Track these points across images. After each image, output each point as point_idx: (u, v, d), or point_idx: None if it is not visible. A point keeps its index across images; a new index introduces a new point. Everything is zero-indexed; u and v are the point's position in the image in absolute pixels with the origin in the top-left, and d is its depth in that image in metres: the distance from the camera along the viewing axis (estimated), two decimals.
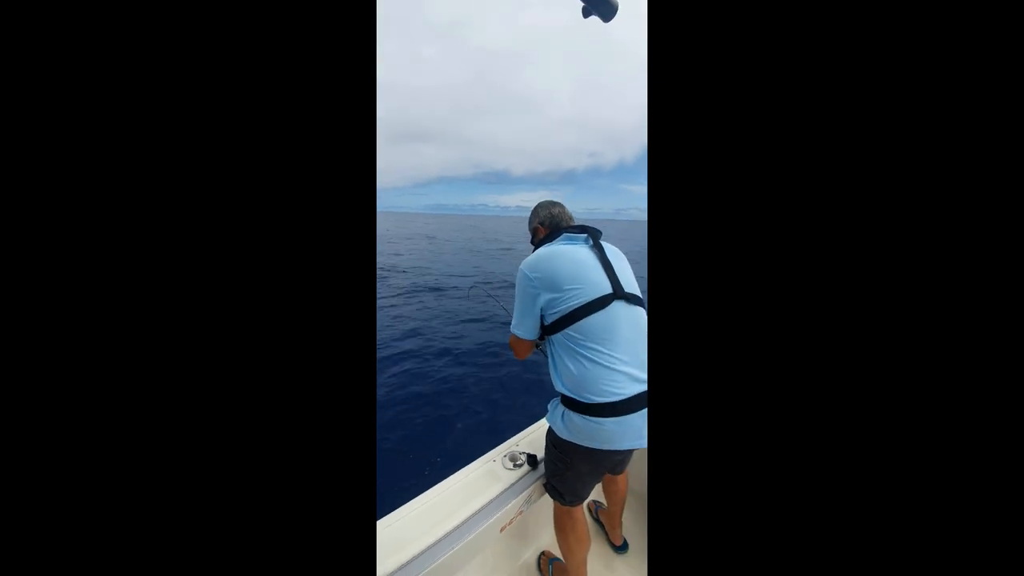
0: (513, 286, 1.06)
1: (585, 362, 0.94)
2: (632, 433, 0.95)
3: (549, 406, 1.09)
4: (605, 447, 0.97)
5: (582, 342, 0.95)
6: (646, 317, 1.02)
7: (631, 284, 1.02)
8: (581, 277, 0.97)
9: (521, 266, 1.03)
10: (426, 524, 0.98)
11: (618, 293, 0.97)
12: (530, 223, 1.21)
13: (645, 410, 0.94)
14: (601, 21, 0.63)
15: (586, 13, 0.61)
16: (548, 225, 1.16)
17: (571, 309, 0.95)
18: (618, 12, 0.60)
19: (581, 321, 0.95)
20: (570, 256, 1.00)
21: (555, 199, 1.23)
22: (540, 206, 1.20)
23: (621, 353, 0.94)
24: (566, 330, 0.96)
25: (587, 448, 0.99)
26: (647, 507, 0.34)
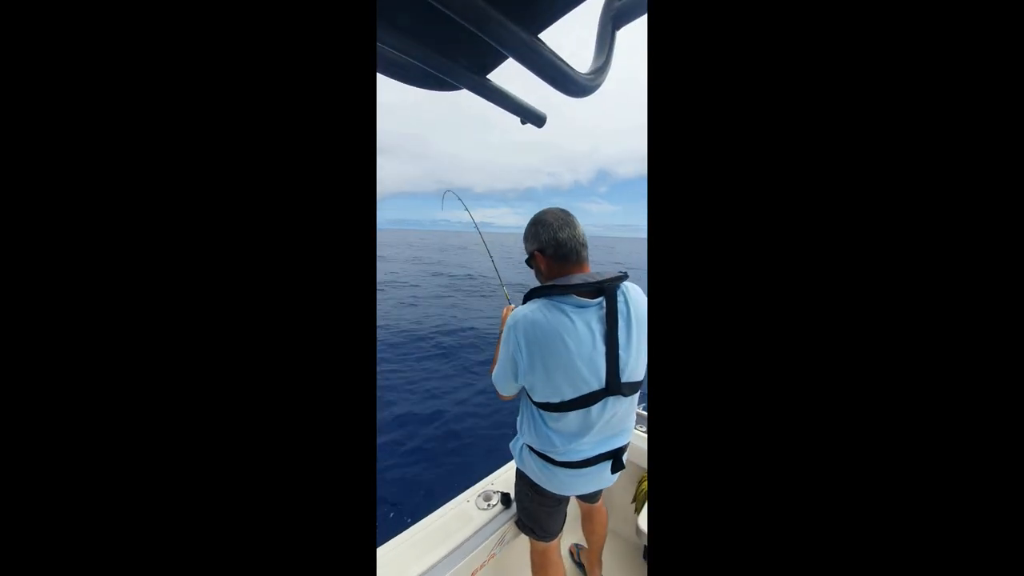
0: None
1: (553, 436, 0.88)
2: (586, 482, 0.93)
3: (515, 435, 1.03)
4: (556, 492, 0.96)
5: (553, 426, 0.88)
6: (636, 398, 0.90)
7: (634, 369, 0.82)
8: (573, 373, 0.77)
9: (516, 316, 0.81)
10: (394, 571, 0.93)
11: (611, 388, 0.79)
12: (527, 240, 0.89)
13: (604, 463, 0.90)
14: (535, 128, 0.78)
15: (523, 122, 0.75)
16: (552, 255, 0.84)
17: (550, 402, 0.82)
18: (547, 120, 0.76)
19: (558, 414, 0.83)
20: (572, 342, 0.76)
21: (559, 209, 0.87)
22: (541, 224, 0.85)
23: (589, 437, 0.87)
24: (541, 410, 0.86)
25: (546, 490, 0.96)
26: (648, 510, 0.32)
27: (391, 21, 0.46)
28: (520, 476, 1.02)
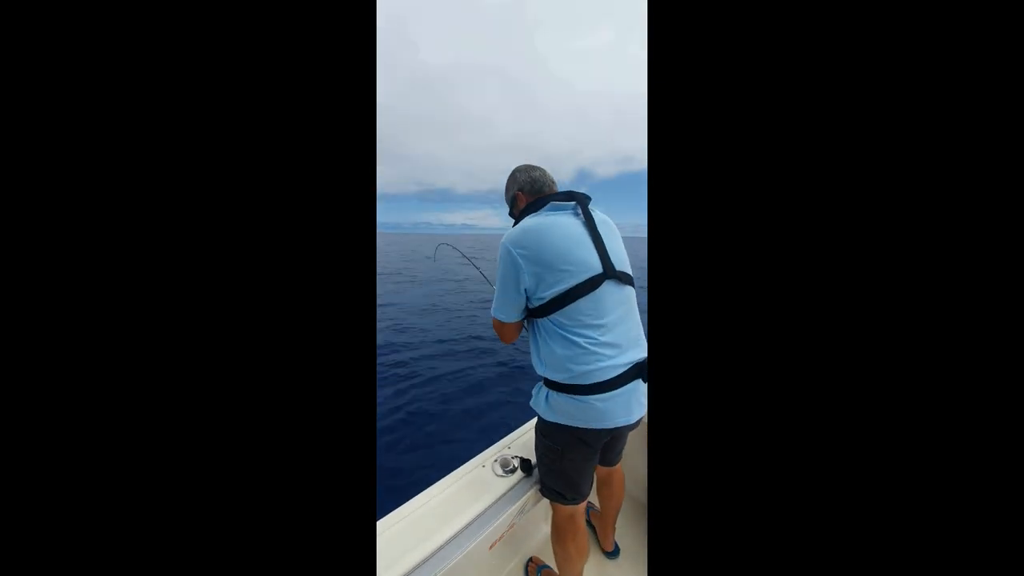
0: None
1: (571, 347, 0.87)
2: (620, 410, 0.89)
3: (533, 391, 1.01)
4: (593, 426, 0.90)
5: (569, 327, 0.88)
6: (634, 295, 0.96)
7: (622, 260, 0.93)
8: (571, 256, 0.86)
9: (504, 240, 0.90)
10: (405, 544, 0.85)
11: (608, 272, 0.88)
12: (507, 192, 1.06)
13: (632, 384, 0.89)
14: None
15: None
16: (529, 191, 1.00)
17: (559, 293, 0.86)
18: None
19: (569, 306, 0.86)
20: (560, 231, 0.88)
21: (533, 163, 1.06)
22: (518, 170, 1.05)
23: (610, 336, 0.88)
24: (554, 314, 0.88)
25: (576, 428, 0.91)
26: (647, 510, 0.34)
27: None
28: (545, 434, 0.98)
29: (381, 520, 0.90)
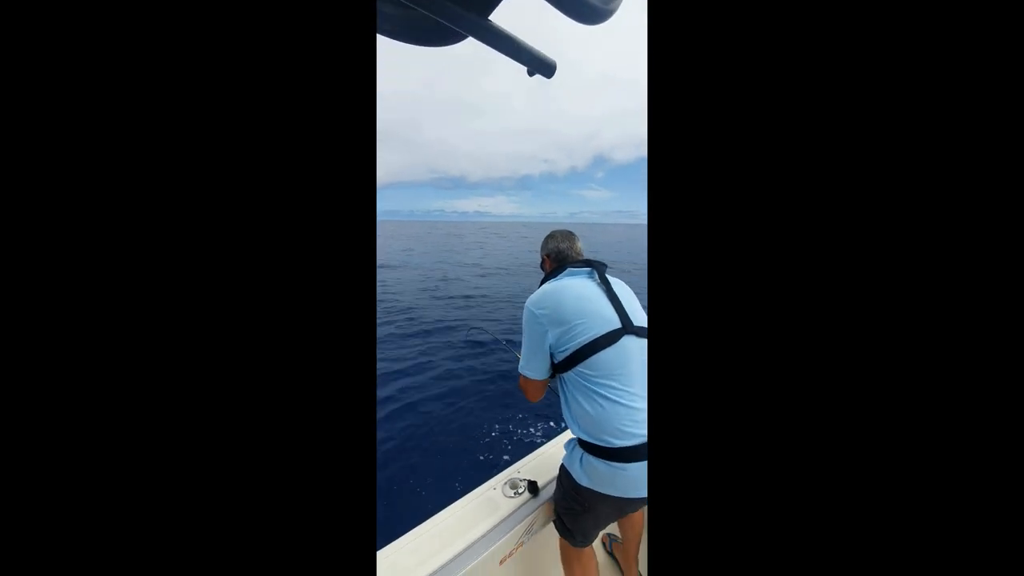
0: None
1: (601, 400, 0.89)
2: (635, 477, 0.88)
3: (564, 446, 1.04)
4: (630, 495, 0.90)
5: (595, 379, 0.90)
6: None
7: (640, 318, 0.98)
8: (588, 311, 0.93)
9: (527, 304, 1.00)
10: (421, 556, 0.92)
11: (627, 327, 0.93)
12: (541, 249, 1.20)
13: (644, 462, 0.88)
14: (544, 78, 0.73)
15: (531, 73, 0.71)
16: (554, 259, 1.12)
17: (581, 345, 0.91)
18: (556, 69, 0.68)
19: (592, 357, 0.91)
20: (575, 291, 0.97)
21: (566, 230, 1.20)
22: (550, 237, 1.17)
23: (637, 388, 0.90)
24: (578, 367, 0.92)
25: (608, 497, 0.91)
26: (647, 520, 0.30)
27: None
28: (575, 491, 1.00)
29: (397, 540, 0.98)
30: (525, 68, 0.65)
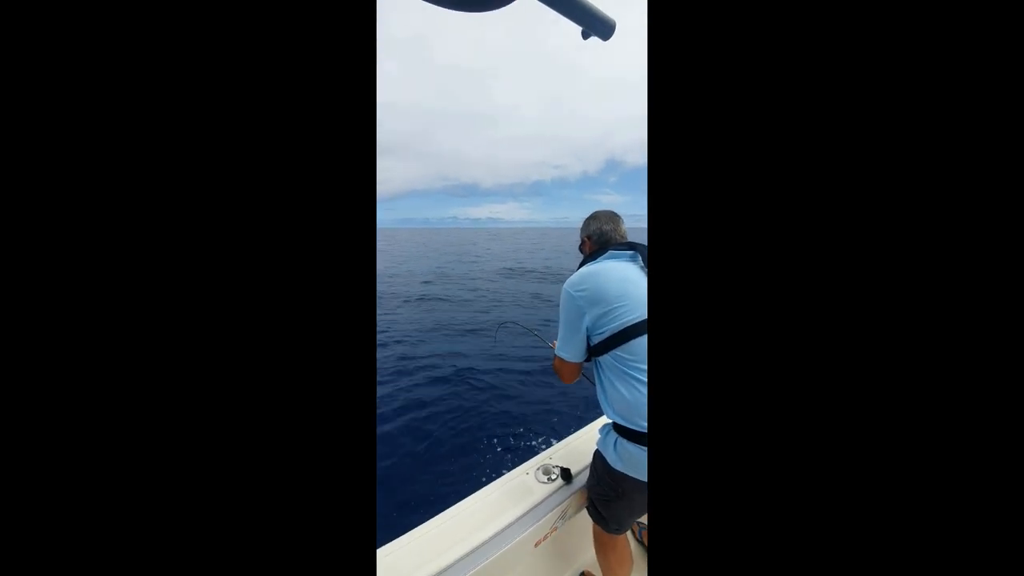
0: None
1: (638, 385, 0.88)
2: None
3: (599, 431, 1.04)
4: (635, 474, 0.91)
5: (632, 363, 0.89)
6: None
7: None
8: (629, 294, 0.91)
9: (565, 285, 0.98)
10: (455, 537, 0.96)
11: None
12: (582, 231, 1.15)
13: None
14: (601, 40, 0.65)
15: (585, 35, 0.64)
16: (596, 241, 1.08)
17: (620, 328, 0.89)
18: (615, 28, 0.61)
19: (631, 341, 0.89)
20: (616, 273, 0.94)
21: (610, 211, 1.13)
22: (592, 218, 1.12)
23: None
24: (615, 351, 0.90)
25: (642, 482, 0.91)
26: (648, 511, 0.32)
27: None
28: (608, 476, 1.00)
29: (432, 519, 1.02)
30: (580, 31, 0.58)
